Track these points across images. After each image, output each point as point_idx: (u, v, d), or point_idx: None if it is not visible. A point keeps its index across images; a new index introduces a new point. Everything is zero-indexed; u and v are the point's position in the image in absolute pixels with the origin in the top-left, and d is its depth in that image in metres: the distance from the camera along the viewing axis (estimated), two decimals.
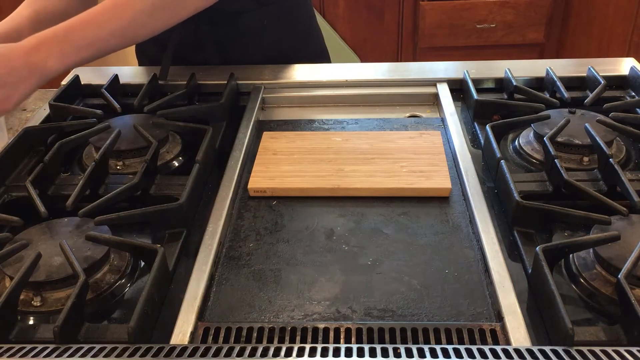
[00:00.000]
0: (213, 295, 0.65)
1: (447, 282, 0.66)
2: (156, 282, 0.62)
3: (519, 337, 0.57)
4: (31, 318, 0.62)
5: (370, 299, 0.64)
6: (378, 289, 0.65)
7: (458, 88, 1.06)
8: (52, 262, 0.64)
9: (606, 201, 0.70)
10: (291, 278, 0.67)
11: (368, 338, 0.59)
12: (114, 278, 0.66)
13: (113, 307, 0.64)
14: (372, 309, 0.63)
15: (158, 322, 0.62)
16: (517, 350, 0.54)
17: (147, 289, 0.60)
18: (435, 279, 0.66)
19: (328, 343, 0.58)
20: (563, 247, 0.64)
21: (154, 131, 0.88)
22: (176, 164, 0.88)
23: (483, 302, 0.63)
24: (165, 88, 1.06)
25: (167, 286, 0.66)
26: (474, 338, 0.59)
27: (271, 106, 1.06)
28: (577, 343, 0.54)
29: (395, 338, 0.59)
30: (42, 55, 0.81)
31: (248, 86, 1.07)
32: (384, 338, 0.59)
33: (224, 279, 0.67)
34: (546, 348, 0.54)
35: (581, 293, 0.63)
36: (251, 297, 0.65)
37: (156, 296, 0.62)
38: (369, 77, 1.08)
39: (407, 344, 0.57)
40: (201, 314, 0.62)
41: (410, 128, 0.97)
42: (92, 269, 0.65)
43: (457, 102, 1.03)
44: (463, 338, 0.59)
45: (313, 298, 0.64)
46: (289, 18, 1.17)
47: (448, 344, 0.57)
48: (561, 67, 1.04)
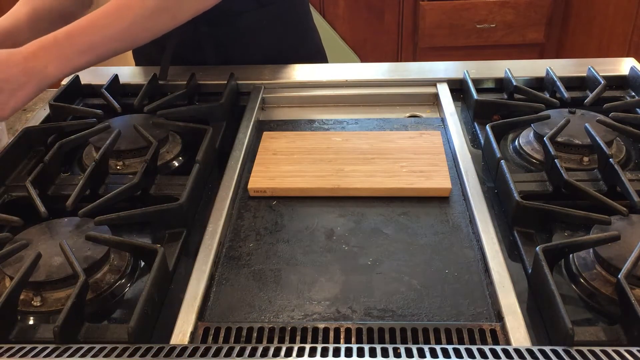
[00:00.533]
0: (213, 295, 0.65)
1: (447, 282, 0.66)
2: (156, 282, 0.62)
3: (519, 337, 0.57)
4: (31, 318, 0.62)
5: (370, 299, 0.64)
6: (378, 289, 0.65)
7: (458, 88, 1.06)
8: (52, 262, 0.64)
9: (606, 201, 0.70)
10: (291, 278, 0.67)
11: (368, 338, 0.59)
12: (114, 278, 0.66)
13: (113, 307, 0.64)
14: (372, 309, 0.63)
15: (158, 322, 0.62)
16: (517, 350, 0.54)
17: (147, 289, 0.60)
18: (435, 279, 0.66)
19: (328, 343, 0.58)
20: (563, 247, 0.64)
21: (154, 131, 0.88)
22: (176, 164, 0.88)
23: (483, 302, 0.63)
24: (165, 88, 1.06)
25: (167, 286, 0.66)
26: (474, 338, 0.59)
27: (271, 106, 1.06)
28: (577, 343, 0.54)
29: (395, 338, 0.59)
30: (42, 60, 0.81)
31: (248, 86, 1.07)
32: (384, 338, 0.59)
33: (224, 279, 0.67)
34: (546, 348, 0.54)
35: (581, 293, 0.63)
36: (251, 297, 0.65)
37: (156, 296, 0.62)
38: (369, 77, 1.08)
39: (407, 344, 0.57)
40: (201, 314, 0.62)
41: (410, 128, 0.97)
42: (92, 269, 0.65)
43: (457, 102, 1.03)
44: (463, 338, 0.59)
45: (313, 298, 0.64)
46: (288, 18, 1.17)
47: (448, 344, 0.57)
48: (561, 67, 1.04)
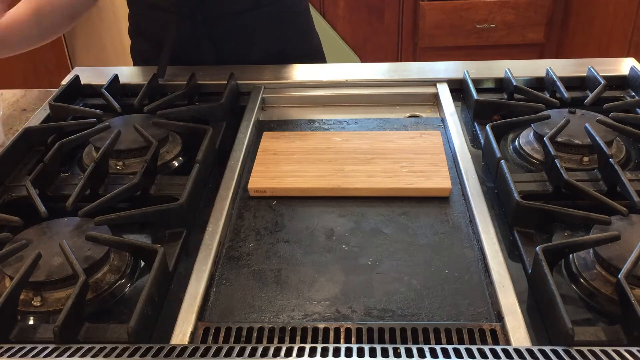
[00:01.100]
0: (213, 295, 0.65)
1: (447, 282, 0.66)
2: (156, 282, 0.62)
3: (519, 337, 0.57)
4: (31, 318, 0.62)
5: (370, 299, 0.64)
6: (378, 289, 0.65)
7: (458, 88, 1.06)
8: (52, 262, 0.64)
9: (606, 201, 0.70)
10: (291, 278, 0.67)
11: (368, 338, 0.59)
12: (114, 278, 0.66)
13: (113, 307, 0.64)
14: (372, 309, 0.63)
15: (158, 322, 0.62)
16: (517, 350, 0.54)
17: (147, 289, 0.60)
18: (435, 279, 0.66)
19: (328, 343, 0.58)
20: (563, 247, 0.64)
21: (154, 131, 0.88)
22: (176, 164, 0.88)
23: (483, 302, 0.63)
24: (165, 88, 1.06)
25: (167, 286, 0.66)
26: (474, 338, 0.59)
27: (271, 106, 1.06)
28: (577, 343, 0.54)
29: (395, 338, 0.59)
30: None
31: (248, 86, 1.07)
32: (384, 338, 0.59)
33: (224, 279, 0.67)
34: (546, 348, 0.54)
35: (581, 293, 0.63)
36: (251, 297, 0.65)
37: (156, 296, 0.62)
38: (369, 77, 1.08)
39: (407, 344, 0.57)
40: (201, 314, 0.62)
41: (410, 128, 0.97)
42: (92, 269, 0.65)
43: (457, 102, 1.03)
44: (463, 338, 0.59)
45: (313, 298, 0.64)
46: (287, 18, 1.17)
47: (448, 344, 0.57)
48: (561, 67, 1.04)
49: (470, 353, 0.53)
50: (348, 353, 0.54)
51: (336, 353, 0.54)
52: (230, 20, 1.12)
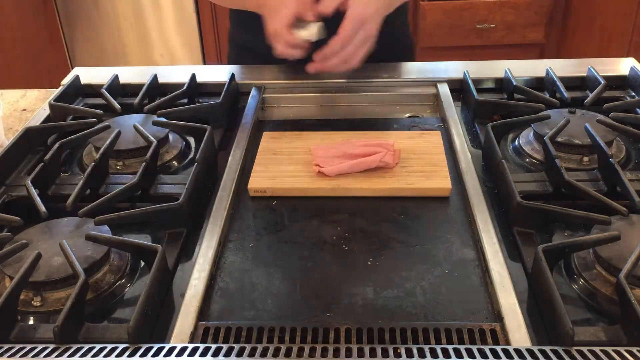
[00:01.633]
0: (213, 295, 0.65)
1: (447, 282, 0.66)
2: (156, 282, 0.62)
3: (519, 337, 0.57)
4: (31, 318, 0.62)
5: (370, 299, 0.64)
6: (378, 289, 0.65)
7: (458, 88, 1.06)
8: (52, 262, 0.64)
9: (606, 201, 0.70)
10: (291, 278, 0.67)
11: (368, 338, 0.59)
12: (114, 278, 0.66)
13: (113, 307, 0.64)
14: (372, 309, 0.63)
15: (158, 322, 0.62)
16: (517, 350, 0.54)
17: (147, 289, 0.60)
18: (435, 279, 0.66)
19: (328, 343, 0.58)
20: (563, 247, 0.64)
21: (154, 131, 0.88)
22: (176, 164, 0.88)
23: (483, 302, 0.63)
24: (165, 88, 1.06)
25: (167, 286, 0.66)
26: (474, 338, 0.59)
27: (271, 106, 1.06)
28: (577, 343, 0.54)
29: (395, 338, 0.59)
30: None
31: (248, 86, 1.07)
32: (384, 338, 0.59)
33: (224, 279, 0.67)
34: (546, 348, 0.54)
35: (581, 293, 0.63)
36: (251, 297, 0.65)
37: (156, 296, 0.62)
38: (369, 77, 1.08)
39: (407, 344, 0.57)
40: (201, 314, 0.62)
41: (410, 128, 0.97)
42: (92, 269, 0.65)
43: (457, 102, 1.03)
44: (463, 338, 0.59)
45: (313, 298, 0.64)
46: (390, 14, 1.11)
47: (448, 344, 0.57)
48: (561, 67, 1.04)
49: (470, 353, 0.53)
50: (348, 353, 0.54)
51: (336, 353, 0.54)
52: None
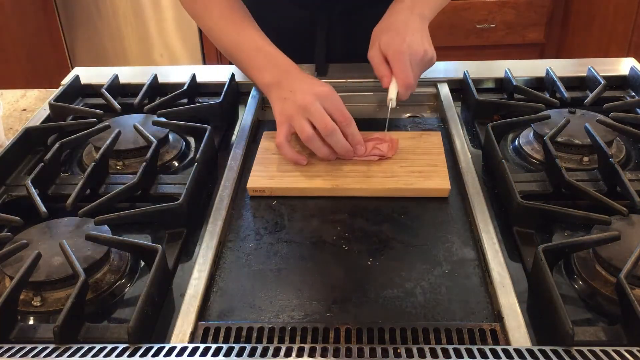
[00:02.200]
0: (213, 295, 0.65)
1: (447, 282, 0.66)
2: (156, 282, 0.62)
3: (519, 337, 0.57)
4: (31, 318, 0.62)
5: (370, 299, 0.64)
6: (378, 289, 0.65)
7: (458, 88, 1.06)
8: (52, 262, 0.64)
9: (606, 201, 0.70)
10: (291, 278, 0.67)
11: (368, 338, 0.59)
12: (114, 278, 0.66)
13: (113, 307, 0.64)
14: (372, 309, 0.63)
15: (158, 322, 0.62)
16: (517, 350, 0.54)
17: (147, 289, 0.60)
18: (435, 279, 0.66)
19: (328, 343, 0.58)
20: (563, 247, 0.64)
21: (154, 131, 0.88)
22: (176, 164, 0.88)
23: (483, 302, 0.63)
24: (165, 88, 1.06)
25: (167, 286, 0.66)
26: (474, 338, 0.59)
27: (271, 106, 1.06)
28: (577, 343, 0.54)
29: (395, 338, 0.59)
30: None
31: (248, 86, 1.07)
32: (384, 338, 0.59)
33: (224, 279, 0.67)
34: (546, 348, 0.54)
35: (581, 293, 0.63)
36: (251, 297, 0.65)
37: (156, 296, 0.62)
38: (370, 77, 1.08)
39: (407, 344, 0.57)
40: (201, 314, 0.62)
41: (410, 128, 0.97)
42: (92, 269, 0.65)
43: (457, 102, 1.03)
44: (463, 338, 0.59)
45: (313, 298, 0.64)
46: None
47: (448, 344, 0.57)
48: (561, 67, 1.04)
49: (470, 353, 0.53)
50: (348, 353, 0.54)
51: (336, 353, 0.54)
52: (364, 10, 1.09)
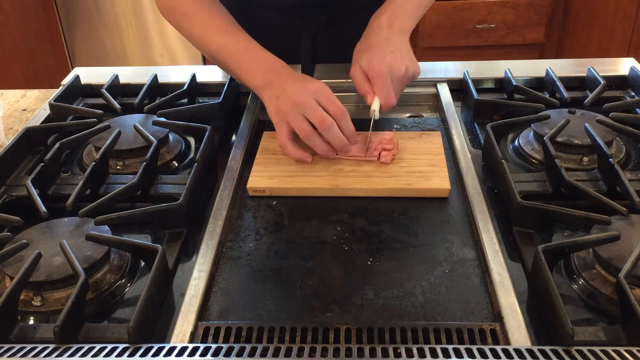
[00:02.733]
0: (213, 295, 0.65)
1: (447, 282, 0.66)
2: (156, 282, 0.62)
3: (519, 337, 0.57)
4: (31, 318, 0.62)
5: (370, 299, 0.64)
6: (378, 289, 0.65)
7: (458, 88, 1.06)
8: (52, 262, 0.64)
9: (606, 201, 0.70)
10: (291, 278, 0.67)
11: (368, 338, 0.59)
12: (114, 278, 0.66)
13: (113, 307, 0.64)
14: (372, 309, 0.63)
15: (158, 322, 0.62)
16: (517, 350, 0.54)
17: (147, 289, 0.60)
18: (435, 279, 0.66)
19: (328, 343, 0.58)
20: (563, 247, 0.64)
21: (154, 131, 0.88)
22: (176, 164, 0.88)
23: (483, 302, 0.63)
24: (165, 88, 1.06)
25: (167, 286, 0.66)
26: (474, 338, 0.59)
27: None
28: (577, 343, 0.54)
29: (395, 338, 0.59)
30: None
31: None
32: (384, 338, 0.59)
33: (224, 279, 0.67)
34: (546, 348, 0.54)
35: (581, 293, 0.63)
36: (251, 297, 0.65)
37: (156, 296, 0.62)
38: None
39: (407, 344, 0.57)
40: (201, 314, 0.62)
41: (410, 128, 0.97)
42: (92, 269, 0.65)
43: (457, 102, 1.03)
44: (463, 338, 0.59)
45: (313, 298, 0.64)
46: None
47: (448, 344, 0.57)
48: (561, 67, 1.04)
49: (470, 353, 0.53)
50: (348, 353, 0.54)
51: (336, 353, 0.54)
52: (350, 16, 1.10)
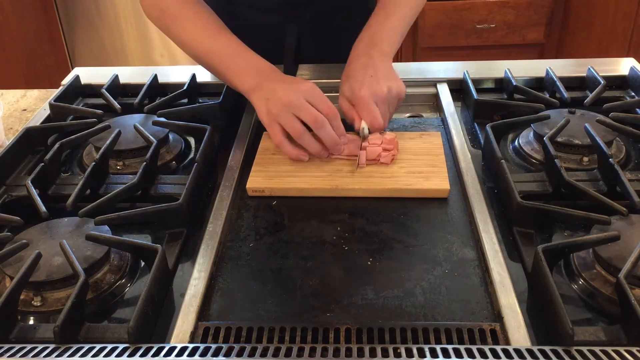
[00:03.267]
0: (213, 295, 0.65)
1: (447, 282, 0.66)
2: (156, 282, 0.62)
3: (519, 337, 0.57)
4: (31, 318, 0.62)
5: (370, 299, 0.64)
6: (378, 289, 0.65)
7: (458, 88, 1.06)
8: (52, 262, 0.64)
9: (606, 201, 0.70)
10: (291, 278, 0.67)
11: (368, 338, 0.59)
12: (114, 278, 0.66)
13: (113, 307, 0.64)
14: (372, 309, 0.63)
15: (158, 322, 0.62)
16: (517, 350, 0.54)
17: (147, 289, 0.60)
18: (435, 279, 0.66)
19: (328, 343, 0.58)
20: (563, 247, 0.64)
21: (154, 131, 0.88)
22: (176, 164, 0.88)
23: (483, 302, 0.63)
24: (165, 88, 1.06)
25: (167, 286, 0.66)
26: (474, 338, 0.59)
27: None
28: (577, 343, 0.54)
29: (395, 338, 0.59)
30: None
31: None
32: (384, 338, 0.59)
33: (224, 279, 0.67)
34: (546, 348, 0.54)
35: (581, 293, 0.63)
36: (251, 297, 0.65)
37: (156, 296, 0.62)
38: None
39: (407, 344, 0.57)
40: (201, 314, 0.62)
41: (410, 128, 0.97)
42: (92, 269, 0.65)
43: (457, 102, 1.03)
44: (463, 338, 0.59)
45: (313, 298, 0.64)
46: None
47: (448, 344, 0.57)
48: (561, 67, 1.04)
49: (470, 353, 0.53)
50: (348, 353, 0.54)
51: (336, 353, 0.54)
52: (331, 18, 1.10)
